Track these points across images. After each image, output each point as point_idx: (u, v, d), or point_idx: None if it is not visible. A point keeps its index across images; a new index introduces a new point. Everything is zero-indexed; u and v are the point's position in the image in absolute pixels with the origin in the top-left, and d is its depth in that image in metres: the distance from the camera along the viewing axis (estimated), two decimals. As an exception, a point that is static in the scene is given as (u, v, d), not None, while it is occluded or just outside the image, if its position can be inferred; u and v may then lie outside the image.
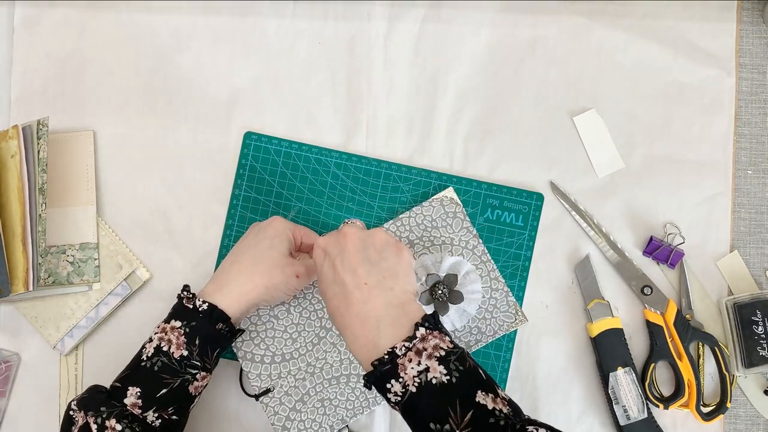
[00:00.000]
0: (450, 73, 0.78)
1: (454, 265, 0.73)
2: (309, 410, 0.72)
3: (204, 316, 0.64)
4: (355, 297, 0.58)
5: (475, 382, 0.54)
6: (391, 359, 0.55)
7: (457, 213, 0.74)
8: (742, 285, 0.76)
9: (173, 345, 0.63)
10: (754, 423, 0.75)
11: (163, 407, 0.62)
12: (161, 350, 0.63)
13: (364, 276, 0.59)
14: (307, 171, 0.77)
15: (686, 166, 0.77)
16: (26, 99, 0.78)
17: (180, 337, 0.63)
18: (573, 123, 0.78)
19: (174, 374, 0.62)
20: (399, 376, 0.54)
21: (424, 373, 0.54)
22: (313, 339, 0.73)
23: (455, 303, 0.72)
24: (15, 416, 0.75)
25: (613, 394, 0.73)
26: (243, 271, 0.66)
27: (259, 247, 0.67)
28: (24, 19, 0.79)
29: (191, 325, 0.64)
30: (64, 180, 0.76)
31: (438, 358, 0.54)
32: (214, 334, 0.64)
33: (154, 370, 0.62)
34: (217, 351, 0.66)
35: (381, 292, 0.58)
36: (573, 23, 0.78)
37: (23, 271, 0.69)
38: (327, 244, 0.62)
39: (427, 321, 0.57)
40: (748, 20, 0.79)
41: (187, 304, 0.65)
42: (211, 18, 0.79)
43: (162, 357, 0.62)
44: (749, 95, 0.78)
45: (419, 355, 0.54)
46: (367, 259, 0.60)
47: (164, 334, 0.64)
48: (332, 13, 0.79)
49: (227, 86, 0.78)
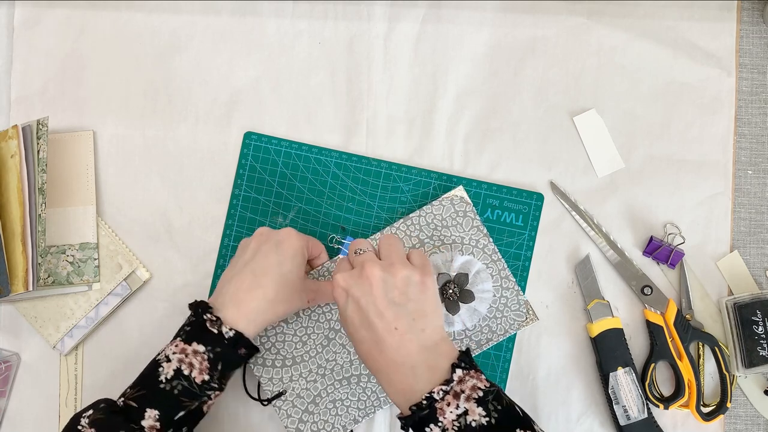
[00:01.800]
0: (450, 73, 0.78)
1: (465, 264, 0.73)
2: (321, 411, 0.72)
3: (230, 344, 0.62)
4: (386, 342, 0.57)
5: (513, 420, 0.54)
6: (430, 404, 0.54)
7: (468, 212, 0.74)
8: (742, 285, 0.76)
9: (195, 370, 0.61)
10: (754, 423, 0.75)
11: (179, 428, 0.61)
12: (182, 373, 0.61)
13: (393, 320, 0.57)
14: (307, 171, 0.77)
15: (686, 166, 0.77)
16: (26, 99, 0.78)
17: (203, 362, 0.62)
18: (573, 123, 0.78)
19: (193, 397, 0.61)
20: (438, 420, 0.54)
21: (464, 417, 0.54)
22: (323, 341, 0.73)
23: (466, 302, 0.72)
24: (15, 416, 0.75)
25: (613, 394, 0.73)
26: (267, 297, 0.64)
27: (281, 270, 0.65)
28: (24, 19, 0.79)
29: (216, 351, 0.62)
30: (64, 180, 0.76)
31: (476, 399, 0.54)
32: (236, 359, 0.64)
33: (174, 394, 0.61)
34: (233, 372, 0.65)
35: (413, 337, 0.57)
36: (573, 23, 0.78)
37: (23, 271, 0.69)
38: (348, 285, 0.59)
39: (462, 361, 0.56)
40: (748, 20, 0.79)
41: (212, 327, 0.62)
42: (211, 18, 0.79)
43: (183, 381, 0.61)
44: (749, 95, 0.78)
45: (457, 398, 0.54)
46: (393, 301, 0.58)
47: (185, 356, 0.62)
48: (332, 13, 0.79)
49: (227, 86, 0.78)
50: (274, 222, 0.76)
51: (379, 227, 0.76)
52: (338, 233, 0.75)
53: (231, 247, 0.76)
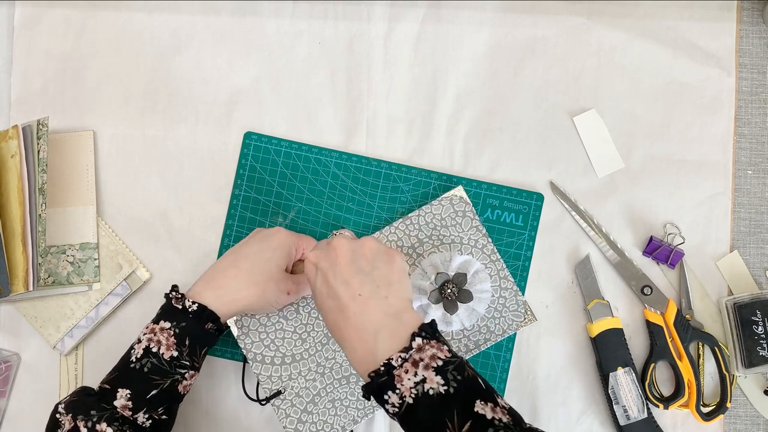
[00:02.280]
0: (450, 73, 0.78)
1: (464, 264, 0.73)
2: (320, 411, 0.72)
3: (194, 317, 0.64)
4: (350, 309, 0.58)
5: (474, 392, 0.54)
6: (388, 370, 0.54)
7: (467, 212, 0.74)
8: (742, 285, 0.76)
9: (163, 346, 0.63)
10: (754, 423, 0.75)
11: (153, 408, 0.62)
12: (150, 351, 0.62)
13: (358, 287, 0.59)
14: (307, 171, 0.77)
15: (686, 166, 0.77)
16: (26, 99, 0.78)
17: (170, 338, 0.63)
18: (573, 123, 0.78)
19: (164, 375, 0.62)
20: (396, 387, 0.54)
21: (421, 384, 0.53)
22: (322, 339, 0.73)
23: (464, 302, 0.72)
24: (15, 416, 0.75)
25: (613, 394, 0.73)
26: (239, 277, 0.66)
27: (261, 256, 0.67)
28: (24, 19, 0.79)
29: (181, 326, 0.63)
30: (64, 180, 0.76)
31: (435, 368, 0.54)
32: (203, 334, 0.64)
33: (144, 372, 0.62)
34: (206, 349, 0.66)
35: (376, 302, 0.58)
36: (573, 23, 0.78)
37: (23, 271, 0.69)
38: (318, 258, 0.62)
39: (424, 330, 0.56)
40: (748, 20, 0.79)
41: (176, 304, 0.64)
42: (211, 18, 0.79)
43: (152, 358, 0.62)
44: (749, 95, 0.78)
45: (416, 365, 0.54)
46: (360, 269, 0.60)
47: (153, 334, 0.63)
48: (332, 13, 0.79)
49: (227, 86, 0.78)
50: (274, 222, 0.76)
51: (379, 227, 0.76)
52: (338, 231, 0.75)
53: (231, 247, 0.76)
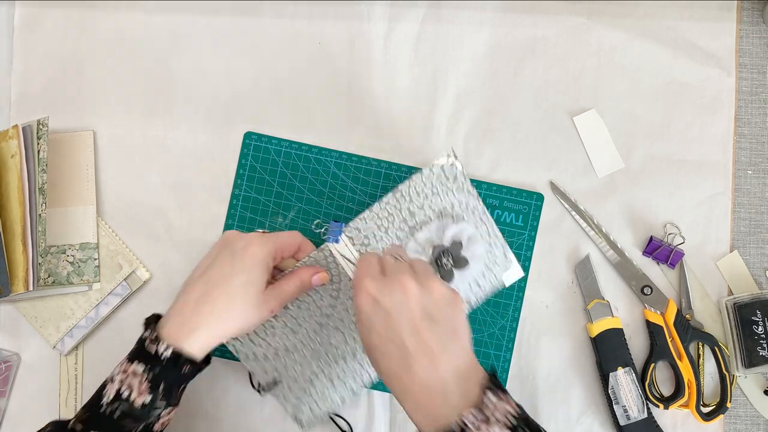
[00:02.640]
0: (450, 73, 0.78)
1: (458, 232, 0.72)
2: (318, 390, 0.72)
3: (168, 364, 0.58)
4: (419, 363, 0.53)
5: None
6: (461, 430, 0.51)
7: (458, 176, 0.72)
8: (742, 285, 0.76)
9: (134, 392, 0.57)
10: (754, 423, 0.75)
11: None
12: (121, 396, 0.57)
13: (428, 340, 0.54)
14: (307, 171, 0.77)
15: (686, 166, 0.77)
16: (26, 99, 0.78)
17: (143, 383, 0.58)
18: (573, 123, 0.78)
19: (137, 420, 0.58)
20: None
21: None
22: (315, 327, 0.72)
23: (461, 268, 0.72)
24: (15, 416, 0.75)
25: (613, 394, 0.73)
26: (215, 313, 0.60)
27: (235, 282, 0.61)
28: (24, 19, 0.79)
29: (155, 371, 0.58)
30: (64, 180, 0.76)
31: (510, 427, 0.51)
32: (179, 376, 0.60)
33: (113, 418, 0.57)
34: (183, 386, 0.62)
35: (446, 358, 0.53)
36: (573, 23, 0.78)
37: (23, 271, 0.69)
38: (380, 293, 0.55)
39: (492, 383, 0.53)
40: (748, 20, 0.79)
41: (149, 347, 0.59)
42: (211, 18, 0.79)
43: (123, 403, 0.57)
44: (749, 95, 0.78)
45: (487, 423, 0.51)
46: (431, 318, 0.55)
47: (125, 376, 0.58)
48: (332, 13, 0.79)
49: (227, 86, 0.78)
50: (274, 222, 0.76)
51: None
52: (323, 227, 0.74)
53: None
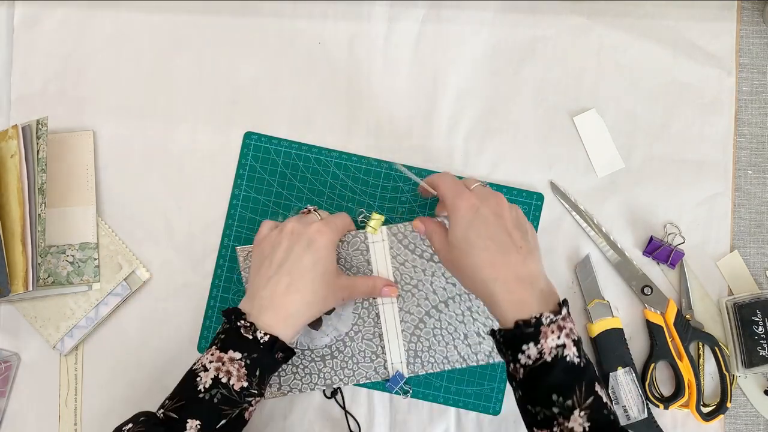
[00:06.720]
0: (450, 73, 0.78)
1: None
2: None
3: (266, 349, 0.63)
4: (513, 257, 0.60)
5: (594, 374, 0.58)
6: (537, 324, 0.57)
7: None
8: (742, 285, 0.76)
9: (233, 377, 0.61)
10: (754, 423, 0.75)
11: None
12: (220, 382, 0.61)
13: (519, 240, 0.61)
14: (307, 171, 0.77)
15: (686, 166, 0.77)
16: (26, 99, 0.78)
17: (241, 369, 0.62)
18: (573, 123, 0.78)
19: (233, 405, 0.61)
20: (539, 341, 0.57)
21: (561, 348, 0.57)
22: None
23: None
24: (15, 416, 0.75)
25: (613, 394, 0.73)
26: (303, 300, 0.65)
27: (317, 271, 0.66)
28: (24, 19, 0.79)
29: (252, 357, 0.62)
30: (64, 180, 0.76)
31: (574, 340, 0.58)
32: (273, 363, 0.64)
33: (213, 402, 0.60)
34: (272, 376, 0.66)
35: (534, 261, 0.61)
36: (573, 23, 0.78)
37: (23, 271, 0.69)
38: (481, 201, 0.63)
39: (566, 304, 0.60)
40: (748, 20, 0.79)
41: (246, 334, 0.62)
42: (211, 18, 0.79)
43: (221, 389, 0.61)
44: (749, 95, 0.78)
45: (560, 330, 0.57)
46: (521, 225, 0.63)
47: (221, 364, 0.61)
48: (332, 13, 0.79)
49: (227, 86, 0.78)
50: (274, 222, 0.76)
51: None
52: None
53: (231, 247, 0.76)
